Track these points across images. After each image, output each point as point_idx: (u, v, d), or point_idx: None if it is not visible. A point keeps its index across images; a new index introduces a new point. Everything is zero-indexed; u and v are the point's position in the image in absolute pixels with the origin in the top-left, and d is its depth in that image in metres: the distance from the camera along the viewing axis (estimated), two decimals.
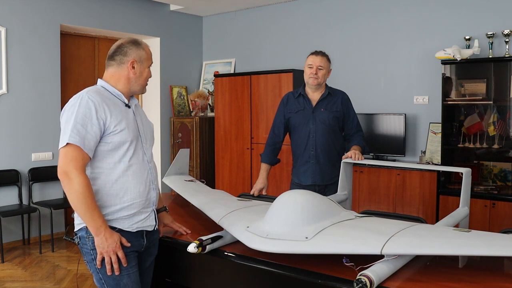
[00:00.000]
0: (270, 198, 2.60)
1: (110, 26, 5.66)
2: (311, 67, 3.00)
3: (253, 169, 5.60)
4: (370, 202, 4.67)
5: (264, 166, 3.17)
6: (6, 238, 4.73)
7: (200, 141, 5.94)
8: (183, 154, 3.12)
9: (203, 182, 3.01)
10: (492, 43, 4.29)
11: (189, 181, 2.94)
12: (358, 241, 1.68)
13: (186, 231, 2.21)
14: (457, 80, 4.51)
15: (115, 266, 1.84)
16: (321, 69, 2.99)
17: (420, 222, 2.05)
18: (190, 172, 5.44)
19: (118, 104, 1.93)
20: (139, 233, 1.94)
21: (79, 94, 1.87)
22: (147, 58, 2.00)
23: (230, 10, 6.31)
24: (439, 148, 4.48)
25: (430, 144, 4.69)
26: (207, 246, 1.91)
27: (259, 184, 3.10)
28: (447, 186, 4.39)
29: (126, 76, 1.96)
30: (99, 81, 1.99)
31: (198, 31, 6.69)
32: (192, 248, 1.87)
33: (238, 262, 1.89)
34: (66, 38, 5.52)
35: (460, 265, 1.80)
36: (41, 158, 5.08)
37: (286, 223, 1.80)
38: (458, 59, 4.18)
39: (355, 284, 1.49)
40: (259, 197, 3.00)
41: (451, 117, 4.48)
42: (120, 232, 1.88)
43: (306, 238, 1.72)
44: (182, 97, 6.41)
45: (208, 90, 6.46)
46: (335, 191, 2.86)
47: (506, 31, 4.19)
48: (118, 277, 1.86)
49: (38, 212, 4.76)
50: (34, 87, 5.02)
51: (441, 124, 4.39)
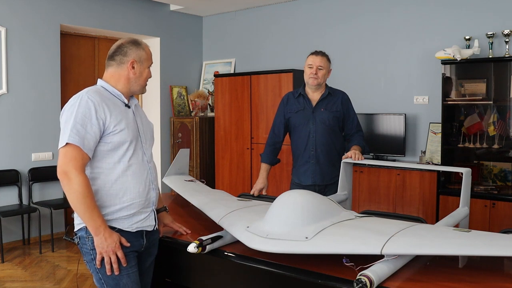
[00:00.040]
0: (270, 198, 2.60)
1: (110, 26, 5.67)
2: (311, 67, 3.00)
3: (253, 169, 5.60)
4: (370, 202, 4.67)
5: (264, 166, 3.17)
6: (6, 238, 4.73)
7: (200, 141, 5.94)
8: (183, 154, 3.12)
9: (203, 182, 3.01)
10: (492, 43, 4.29)
11: (189, 181, 2.94)
12: (358, 241, 1.68)
13: (186, 231, 2.21)
14: (457, 80, 4.51)
15: (115, 266, 1.84)
16: (321, 69, 2.99)
17: (420, 222, 2.04)
18: (190, 172, 5.44)
19: (118, 104, 1.93)
20: (139, 233, 1.94)
21: (79, 94, 1.87)
22: (147, 58, 2.00)
23: (230, 10, 6.31)
24: (439, 148, 4.48)
25: (430, 144, 4.68)
26: (207, 246, 1.91)
27: (259, 184, 3.10)
28: (447, 186, 4.39)
29: (126, 76, 1.96)
30: (99, 81, 1.99)
31: (198, 31, 6.69)
32: (192, 248, 1.87)
33: (238, 262, 1.89)
34: (66, 38, 5.52)
35: (460, 265, 1.80)
36: (41, 158, 5.08)
37: (286, 223, 1.80)
38: (458, 59, 4.18)
39: (355, 284, 1.49)
40: (259, 197, 2.99)
41: (451, 117, 4.48)
42: (119, 232, 1.88)
43: (306, 238, 1.72)
44: (182, 97, 6.41)
45: (208, 90, 6.46)
46: (335, 191, 2.86)
47: (506, 31, 4.19)
48: (118, 277, 1.86)
49: (38, 212, 4.76)
50: (34, 87, 5.02)
51: (441, 124, 4.39)
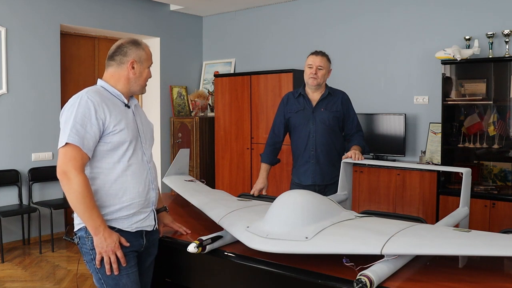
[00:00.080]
0: (270, 198, 2.60)
1: (110, 26, 5.66)
2: (311, 67, 3.00)
3: (253, 169, 5.60)
4: (370, 202, 4.67)
5: (264, 166, 3.17)
6: (6, 238, 4.73)
7: (200, 141, 5.94)
8: (183, 154, 3.12)
9: (203, 182, 3.01)
10: (492, 43, 4.29)
11: (189, 181, 2.94)
12: (358, 241, 1.68)
13: (186, 231, 2.21)
14: (457, 80, 4.51)
15: (114, 266, 1.84)
16: (320, 69, 2.99)
17: (420, 222, 2.04)
18: (190, 172, 5.44)
19: (118, 104, 1.93)
20: (139, 233, 1.94)
21: (79, 94, 1.87)
22: (147, 58, 2.00)
23: (230, 10, 6.31)
24: (439, 148, 4.48)
25: (430, 144, 4.68)
26: (207, 246, 1.91)
27: (259, 184, 3.10)
28: (447, 186, 4.39)
29: (126, 76, 1.96)
30: (99, 81, 1.99)
31: (198, 31, 6.69)
32: (192, 248, 1.87)
33: (238, 262, 1.89)
34: (66, 38, 5.52)
35: (460, 265, 1.80)
36: (41, 158, 5.08)
37: (286, 223, 1.80)
38: (458, 59, 4.18)
39: (355, 284, 1.49)
40: (259, 197, 2.99)
41: (451, 117, 4.48)
42: (119, 232, 1.87)
43: (306, 238, 1.72)
44: (182, 97, 6.41)
45: (208, 90, 6.46)
46: (335, 191, 2.86)
47: (506, 31, 4.19)
48: (117, 277, 1.86)
49: (38, 212, 4.76)
50: (34, 87, 5.02)
51: (441, 124, 4.39)
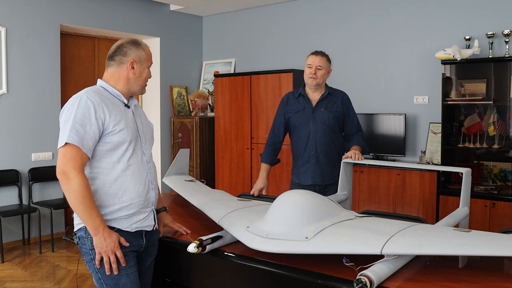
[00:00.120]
0: (270, 198, 2.60)
1: (110, 26, 5.66)
2: (310, 67, 3.00)
3: (253, 169, 5.60)
4: (370, 202, 4.67)
5: (264, 166, 3.17)
6: (6, 238, 4.72)
7: (200, 141, 5.94)
8: (183, 154, 3.12)
9: (203, 182, 3.01)
10: (492, 43, 4.29)
11: (189, 181, 2.94)
12: (358, 241, 1.68)
13: (186, 231, 2.21)
14: (457, 80, 4.51)
15: (114, 266, 1.84)
16: (320, 69, 2.98)
17: (420, 222, 2.04)
18: (190, 172, 5.44)
19: (117, 104, 1.93)
20: (138, 233, 1.94)
21: (78, 94, 1.88)
22: (147, 58, 2.00)
23: (230, 10, 6.31)
24: (439, 148, 4.48)
25: (430, 144, 4.68)
26: (207, 246, 1.91)
27: (259, 184, 3.10)
28: (447, 186, 4.39)
29: (126, 76, 1.96)
30: (99, 81, 1.99)
31: (198, 31, 6.69)
32: (192, 248, 1.87)
33: (238, 262, 1.89)
34: (66, 38, 5.52)
35: (460, 265, 1.80)
36: (41, 158, 5.08)
37: (286, 223, 1.80)
38: (458, 59, 4.18)
39: (355, 284, 1.49)
40: (259, 197, 2.99)
41: (451, 117, 4.48)
42: (119, 232, 1.87)
43: (306, 238, 1.72)
44: (182, 97, 6.41)
45: (208, 90, 6.46)
46: (335, 191, 2.86)
47: (506, 31, 4.19)
48: (117, 277, 1.86)
49: (38, 212, 4.76)
50: (34, 87, 5.02)
51: (441, 124, 4.39)
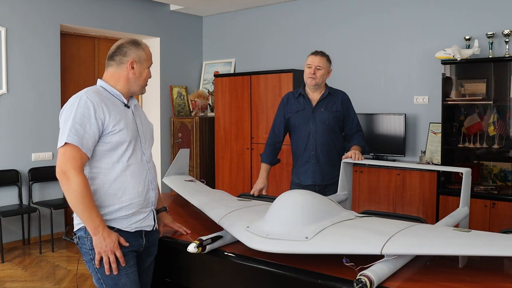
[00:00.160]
0: (270, 198, 2.60)
1: (110, 26, 5.66)
2: (310, 67, 3.00)
3: (253, 169, 5.60)
4: (370, 202, 4.67)
5: (264, 166, 3.17)
6: (6, 238, 4.72)
7: (200, 141, 5.94)
8: (183, 154, 3.12)
9: (203, 182, 3.01)
10: (492, 43, 4.29)
11: (189, 181, 2.94)
12: (358, 241, 1.68)
13: (186, 231, 2.21)
14: (457, 80, 4.50)
15: (113, 266, 1.84)
16: (319, 69, 2.98)
17: (420, 222, 2.04)
18: (190, 172, 5.44)
19: (117, 104, 1.93)
20: (138, 233, 1.94)
21: (78, 94, 1.88)
22: (147, 58, 2.00)
23: (230, 10, 6.31)
24: (439, 148, 4.48)
25: (430, 144, 4.68)
26: (207, 246, 1.91)
27: (259, 184, 3.10)
28: (447, 186, 4.39)
29: (126, 76, 1.96)
30: (99, 81, 1.99)
31: (198, 31, 6.69)
32: (192, 248, 1.87)
33: (238, 262, 1.89)
34: (66, 38, 5.52)
35: (460, 265, 1.80)
36: (41, 158, 5.08)
37: (286, 223, 1.80)
38: (458, 59, 4.18)
39: (355, 284, 1.49)
40: (259, 197, 2.99)
41: (451, 117, 4.48)
42: (118, 232, 1.87)
43: (306, 238, 1.72)
44: (182, 97, 6.41)
45: (208, 90, 6.46)
46: (335, 191, 2.86)
47: (506, 31, 4.19)
48: (117, 277, 1.86)
49: (38, 212, 4.76)
50: (34, 87, 5.02)
51: (441, 124, 4.39)
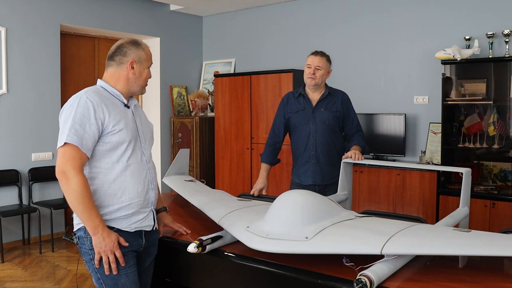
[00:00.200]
0: (270, 198, 2.60)
1: (110, 26, 5.66)
2: (310, 67, 3.00)
3: (253, 169, 5.60)
4: (370, 202, 4.67)
5: (264, 166, 3.17)
6: (6, 238, 4.72)
7: (200, 141, 5.94)
8: (183, 154, 3.12)
9: (203, 182, 3.01)
10: (492, 43, 4.29)
11: (189, 181, 2.94)
12: (358, 241, 1.68)
13: (186, 231, 2.21)
14: (457, 80, 4.50)
15: (113, 266, 1.84)
16: (319, 69, 2.98)
17: (420, 222, 2.04)
18: (190, 172, 5.44)
19: (117, 104, 1.93)
20: (138, 233, 1.94)
21: (78, 94, 1.88)
22: (147, 58, 2.00)
23: (230, 10, 6.31)
24: (439, 148, 4.48)
25: (430, 144, 4.68)
26: (207, 246, 1.91)
27: (259, 184, 3.10)
28: (447, 186, 4.39)
29: (126, 76, 1.96)
30: (99, 81, 1.99)
31: (198, 31, 6.69)
32: (192, 248, 1.87)
33: (238, 262, 1.89)
34: (66, 38, 5.52)
35: (460, 265, 1.80)
36: (41, 158, 5.08)
37: (286, 223, 1.80)
38: (458, 59, 4.18)
39: (355, 284, 1.49)
40: (259, 197, 2.99)
41: (451, 117, 4.48)
42: (118, 232, 1.87)
43: (306, 238, 1.72)
44: (182, 97, 6.41)
45: (208, 90, 6.46)
46: (335, 191, 2.86)
47: (506, 31, 4.19)
48: (116, 276, 1.86)
49: (38, 212, 4.76)
50: (34, 87, 5.02)
51: (441, 124, 4.39)
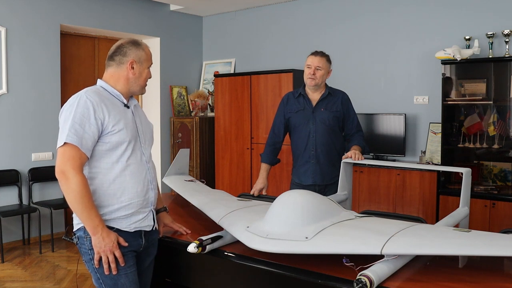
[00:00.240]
0: (270, 198, 2.60)
1: (110, 26, 5.66)
2: (309, 68, 3.00)
3: (253, 169, 5.60)
4: (370, 202, 4.67)
5: (264, 166, 3.17)
6: (6, 238, 4.72)
7: (200, 141, 5.94)
8: (183, 154, 3.12)
9: (203, 182, 3.01)
10: (492, 43, 4.29)
11: (189, 181, 2.94)
12: (358, 241, 1.68)
13: (186, 231, 2.21)
14: (457, 80, 4.50)
15: (112, 266, 1.84)
16: (319, 69, 2.98)
17: (420, 222, 2.04)
18: (190, 172, 5.44)
19: (117, 104, 1.93)
20: (137, 233, 1.94)
21: (78, 94, 1.88)
22: (147, 58, 2.00)
23: (230, 10, 6.31)
24: (439, 148, 4.48)
25: (430, 144, 4.68)
26: (207, 246, 1.91)
27: (259, 184, 3.10)
28: (447, 186, 4.39)
29: (125, 76, 1.96)
30: (99, 81, 1.99)
31: (198, 31, 6.69)
32: (192, 248, 1.87)
33: (238, 262, 1.89)
34: (66, 38, 5.52)
35: (460, 265, 1.80)
36: (41, 158, 5.08)
37: (286, 223, 1.80)
38: (458, 59, 4.18)
39: (355, 284, 1.49)
40: (259, 197, 2.99)
41: (451, 117, 4.48)
42: (118, 232, 1.87)
43: (306, 238, 1.72)
44: (182, 97, 6.41)
45: (208, 90, 6.46)
46: (335, 191, 2.86)
47: (506, 31, 4.19)
48: (116, 276, 1.86)
49: (38, 212, 4.76)
50: (34, 87, 5.02)
51: (441, 124, 4.39)
